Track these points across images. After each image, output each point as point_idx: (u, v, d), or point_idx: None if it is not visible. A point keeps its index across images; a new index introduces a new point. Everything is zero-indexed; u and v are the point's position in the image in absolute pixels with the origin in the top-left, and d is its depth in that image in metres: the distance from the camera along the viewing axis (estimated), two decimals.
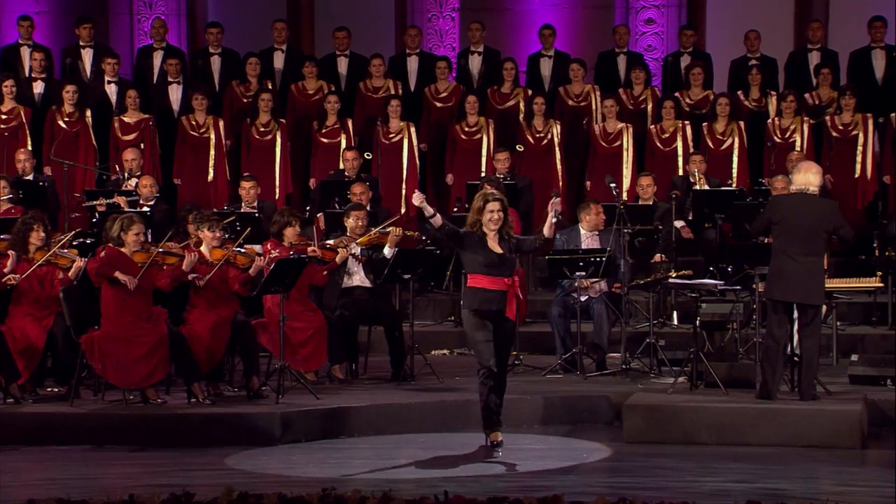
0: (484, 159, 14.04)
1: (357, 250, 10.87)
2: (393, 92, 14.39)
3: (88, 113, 13.83)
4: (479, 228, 8.74)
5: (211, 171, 13.88)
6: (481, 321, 8.67)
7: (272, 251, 10.42)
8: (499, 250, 8.70)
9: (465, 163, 14.08)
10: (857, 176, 13.87)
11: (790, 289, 9.38)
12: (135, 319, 9.60)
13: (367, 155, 13.71)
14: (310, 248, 10.57)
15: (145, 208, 11.97)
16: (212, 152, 13.89)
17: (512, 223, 8.88)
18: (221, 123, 13.99)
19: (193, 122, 13.94)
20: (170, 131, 14.04)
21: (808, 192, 9.47)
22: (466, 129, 14.14)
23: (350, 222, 10.98)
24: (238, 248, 10.11)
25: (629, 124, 14.09)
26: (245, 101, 14.37)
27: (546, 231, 8.98)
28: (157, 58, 14.70)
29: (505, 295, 8.66)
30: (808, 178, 9.48)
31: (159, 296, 9.95)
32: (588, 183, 14.09)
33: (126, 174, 12.70)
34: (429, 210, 8.77)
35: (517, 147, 13.97)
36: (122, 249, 9.68)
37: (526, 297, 11.88)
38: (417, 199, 8.86)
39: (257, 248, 11.22)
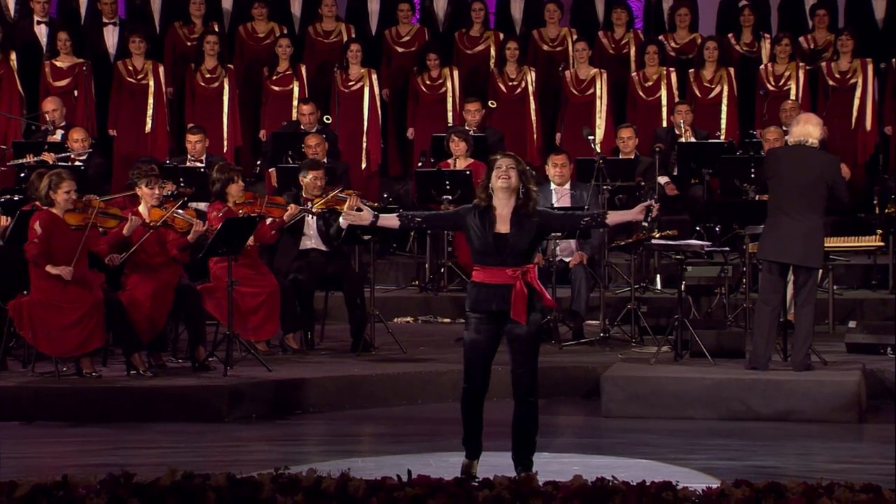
0: (450, 113, 13.99)
1: (311, 208, 10.80)
2: (346, 36, 14.29)
3: (13, 56, 13.68)
4: (488, 200, 7.13)
5: (149, 121, 13.77)
6: (478, 324, 7.12)
7: (217, 214, 10.30)
8: (504, 230, 7.08)
9: (429, 115, 14.02)
10: (855, 127, 13.91)
11: (786, 249, 9.39)
12: (66, 284, 9.52)
13: (327, 119, 13.59)
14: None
15: (78, 163, 11.86)
16: (150, 101, 13.76)
17: (535, 196, 7.17)
18: (161, 69, 13.86)
19: (130, 68, 13.82)
20: (105, 77, 13.91)
21: (807, 143, 9.47)
22: (429, 81, 14.07)
23: (307, 181, 10.91)
24: (178, 210, 10.00)
25: (603, 70, 14.05)
26: (189, 44, 14.25)
27: (612, 217, 7.44)
28: None
29: (508, 290, 7.03)
30: (807, 129, 9.47)
31: (94, 259, 9.87)
32: (558, 134, 14.06)
33: (49, 126, 12.56)
34: (366, 218, 7.28)
35: (490, 103, 13.91)
36: (53, 210, 9.57)
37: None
38: (347, 218, 7.49)
39: (203, 206, 11.16)
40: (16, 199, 10.99)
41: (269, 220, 10.57)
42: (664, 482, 6.09)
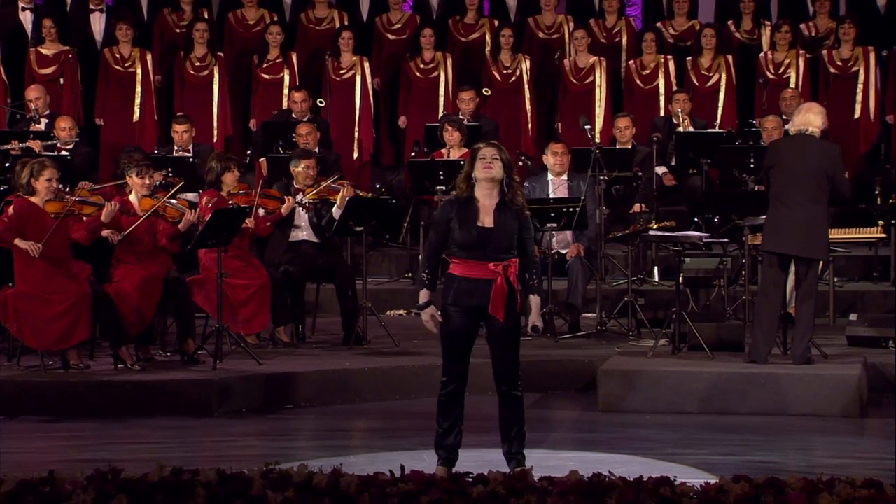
0: (442, 99, 13.98)
1: (303, 200, 10.81)
2: (338, 23, 14.27)
3: None
4: (469, 191, 7.07)
5: (137, 110, 13.75)
6: (457, 317, 7.09)
7: (209, 203, 10.30)
8: (488, 223, 7.03)
9: (421, 103, 14.02)
10: (857, 117, 13.90)
11: (788, 241, 9.38)
12: (51, 275, 9.50)
13: (320, 102, 13.59)
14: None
15: (64, 152, 11.84)
16: (138, 89, 13.74)
17: (522, 192, 7.19)
18: (149, 57, 13.84)
19: (117, 56, 13.79)
20: (92, 65, 13.88)
21: (807, 132, 9.47)
22: (422, 65, 14.06)
23: (299, 171, 10.90)
24: (170, 200, 9.99)
25: (602, 58, 14.04)
26: (178, 31, 14.23)
27: (531, 299, 7.19)
28: None
29: (489, 285, 7.00)
30: (808, 118, 9.47)
31: (82, 250, 9.86)
32: (559, 124, 14.06)
33: (33, 114, 12.53)
34: (432, 316, 7.19)
35: (483, 90, 13.90)
36: (33, 199, 9.55)
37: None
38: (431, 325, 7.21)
39: (191, 196, 11.15)
40: (0, 188, 10.97)
41: (261, 212, 10.56)
42: (662, 478, 6.09)
